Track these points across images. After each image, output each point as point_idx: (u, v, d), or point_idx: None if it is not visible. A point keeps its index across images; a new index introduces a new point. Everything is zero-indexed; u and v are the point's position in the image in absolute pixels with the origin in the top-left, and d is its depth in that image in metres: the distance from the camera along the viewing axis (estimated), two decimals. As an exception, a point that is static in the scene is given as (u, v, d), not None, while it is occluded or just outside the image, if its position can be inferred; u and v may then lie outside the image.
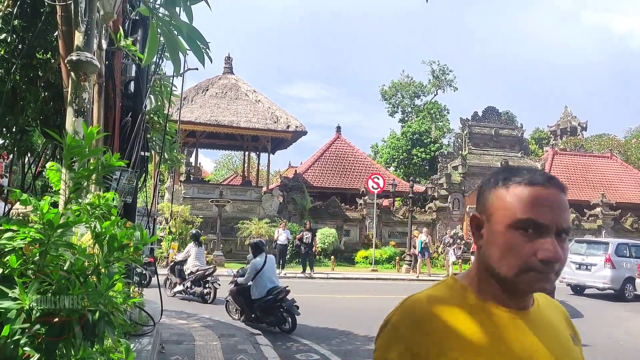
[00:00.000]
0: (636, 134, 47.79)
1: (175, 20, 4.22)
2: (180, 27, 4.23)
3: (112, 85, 6.06)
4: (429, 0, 4.87)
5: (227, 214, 22.13)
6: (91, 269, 2.53)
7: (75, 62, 4.06)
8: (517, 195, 1.15)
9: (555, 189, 1.18)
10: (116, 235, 2.57)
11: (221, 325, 8.94)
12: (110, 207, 3.38)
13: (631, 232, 27.42)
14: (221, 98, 23.55)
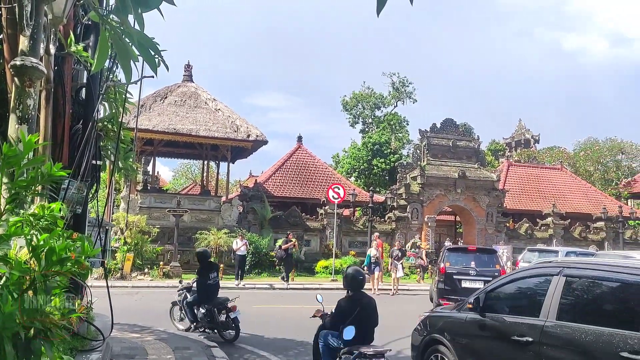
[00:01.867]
0: (584, 147, 49.82)
1: (126, 27, 4.13)
2: (132, 34, 4.14)
3: (61, 92, 5.87)
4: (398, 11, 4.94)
5: (185, 224, 21.74)
6: (28, 283, 2.42)
7: (19, 67, 3.92)
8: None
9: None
10: (55, 248, 2.47)
11: (176, 338, 8.73)
12: (55, 218, 3.25)
13: (579, 241, 28.51)
14: (180, 106, 23.19)
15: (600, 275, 4.74)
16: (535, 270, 5.58)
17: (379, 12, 3.42)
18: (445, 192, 26.79)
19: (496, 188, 27.92)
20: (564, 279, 4.90)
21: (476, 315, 5.60)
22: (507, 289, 5.74)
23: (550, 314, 4.79)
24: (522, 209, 32.72)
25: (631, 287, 4.40)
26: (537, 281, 5.38)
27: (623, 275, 4.53)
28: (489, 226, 27.35)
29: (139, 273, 18.66)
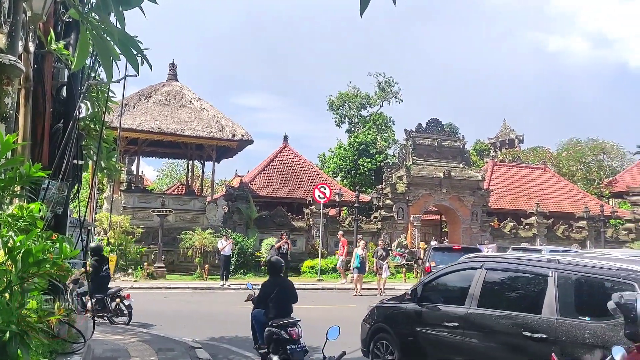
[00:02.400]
0: (567, 147, 50.44)
1: (106, 26, 4.07)
2: (113, 32, 4.08)
3: (41, 90, 5.78)
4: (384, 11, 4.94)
5: (170, 224, 21.58)
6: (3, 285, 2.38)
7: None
8: None
9: None
10: (31, 249, 2.43)
11: (159, 339, 8.66)
12: (34, 218, 3.19)
13: (562, 240, 28.86)
14: (164, 105, 23.00)
15: (512, 267, 5.66)
16: (463, 264, 6.30)
17: (362, 12, 3.42)
18: (431, 192, 26.94)
19: (481, 188, 28.16)
20: (485, 271, 5.69)
21: (415, 305, 6.30)
22: (440, 282, 6.52)
23: (472, 302, 5.58)
24: (507, 208, 33.02)
25: (533, 277, 5.27)
26: (464, 274, 6.11)
27: (527, 267, 5.42)
28: (474, 225, 27.57)
29: (123, 274, 18.47)
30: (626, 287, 4.37)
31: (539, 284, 5.13)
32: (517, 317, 5.05)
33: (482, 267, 5.78)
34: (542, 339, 4.71)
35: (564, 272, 4.97)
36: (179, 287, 17.22)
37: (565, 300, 4.82)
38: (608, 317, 4.33)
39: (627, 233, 31.12)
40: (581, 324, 4.57)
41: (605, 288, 4.65)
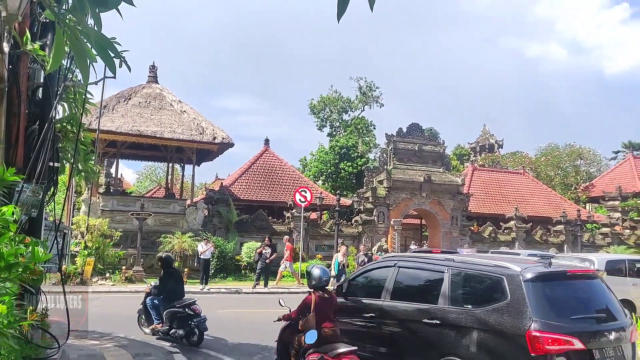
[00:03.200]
0: (545, 152, 51.25)
1: (83, 27, 4.03)
2: (88, 34, 4.04)
3: (16, 91, 5.68)
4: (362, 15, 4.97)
5: (149, 227, 21.34)
6: (-28, 290, 2.34)
7: (-32, 65, 3.78)
8: None
9: None
10: (3, 253, 2.39)
11: (137, 344, 8.56)
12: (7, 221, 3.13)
13: (540, 244, 29.30)
14: (144, 107, 22.75)
15: (418, 265, 6.59)
16: (381, 263, 7.37)
17: (340, 17, 3.45)
18: (411, 196, 27.12)
19: (461, 192, 28.44)
20: (397, 269, 6.65)
21: (341, 299, 7.01)
22: (362, 278, 7.40)
23: (387, 295, 6.50)
24: (486, 212, 33.40)
25: (433, 273, 6.20)
26: (381, 271, 7.02)
27: (429, 265, 6.37)
28: (454, 229, 27.82)
29: (100, 278, 18.18)
30: (498, 281, 5.41)
31: (437, 279, 6.04)
32: (420, 307, 6.01)
33: (395, 266, 6.75)
34: (437, 324, 5.65)
35: (455, 269, 5.92)
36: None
37: (455, 292, 5.77)
38: (485, 305, 5.42)
39: (603, 237, 31.73)
40: (465, 311, 5.52)
41: (484, 282, 5.67)
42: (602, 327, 5.26)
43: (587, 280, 5.82)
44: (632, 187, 37.82)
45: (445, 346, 5.55)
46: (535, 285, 5.18)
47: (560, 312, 5.16)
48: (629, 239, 31.96)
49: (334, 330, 6.15)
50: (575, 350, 4.87)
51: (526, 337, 4.90)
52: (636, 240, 31.86)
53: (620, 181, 38.76)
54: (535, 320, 4.93)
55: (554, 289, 5.40)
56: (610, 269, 13.92)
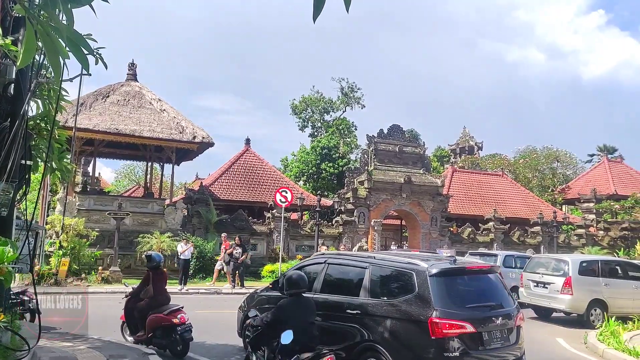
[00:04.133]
0: (524, 155, 51.99)
1: (54, 22, 3.94)
2: (60, 29, 3.96)
3: (-14, 87, 5.55)
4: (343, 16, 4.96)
5: (127, 227, 21.05)
6: None
7: None
8: None
9: None
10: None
11: (111, 346, 8.41)
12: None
13: (518, 245, 29.70)
14: (123, 106, 22.42)
15: (344, 262, 7.48)
16: (313, 260, 8.19)
17: (315, 18, 3.44)
18: (392, 197, 27.25)
19: (440, 193, 28.66)
20: (327, 265, 7.51)
21: (278, 293, 7.71)
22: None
23: (317, 289, 7.31)
24: (465, 213, 33.72)
25: (356, 269, 7.06)
26: (313, 267, 7.83)
27: (354, 262, 7.26)
28: (433, 230, 28.02)
29: (75, 279, 17.85)
30: (408, 276, 6.31)
31: (360, 274, 6.90)
32: (344, 299, 6.84)
33: (325, 262, 7.61)
34: (357, 314, 6.49)
35: (375, 266, 6.80)
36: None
37: (374, 286, 6.63)
38: (397, 296, 6.28)
39: (578, 238, 32.31)
40: (381, 302, 6.40)
41: (398, 277, 6.53)
42: (491, 313, 6.23)
43: (483, 274, 6.84)
44: (606, 189, 38.59)
45: (364, 333, 6.38)
46: (438, 279, 6.06)
47: (458, 301, 6.11)
48: (602, 240, 32.60)
49: (166, 297, 8.47)
50: (467, 333, 5.81)
51: (428, 323, 5.77)
52: (609, 242, 32.52)
53: (595, 184, 39.51)
54: (436, 309, 5.82)
55: (454, 282, 6.37)
56: (584, 270, 14.17)
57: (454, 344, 5.75)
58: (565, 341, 11.57)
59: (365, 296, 6.60)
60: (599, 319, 13.32)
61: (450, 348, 5.73)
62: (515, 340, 6.36)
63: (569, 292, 13.63)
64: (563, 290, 13.71)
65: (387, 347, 6.11)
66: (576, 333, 12.37)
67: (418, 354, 5.93)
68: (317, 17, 3.43)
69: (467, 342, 5.82)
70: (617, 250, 30.69)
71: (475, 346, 5.91)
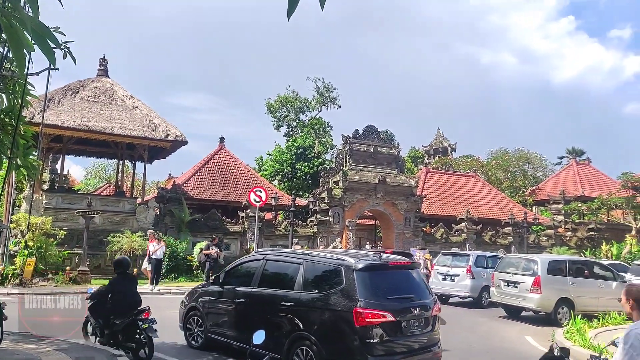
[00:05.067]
0: (496, 157, 52.83)
1: (18, 13, 3.81)
2: (25, 21, 3.82)
3: (-53, 80, 5.34)
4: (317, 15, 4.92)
5: (96, 226, 20.59)
6: None
7: None
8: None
9: None
10: None
11: (78, 347, 8.20)
12: None
13: (490, 245, 30.17)
14: (93, 102, 21.93)
15: (281, 259, 8.02)
16: (252, 256, 8.79)
17: (290, 15, 3.39)
18: (366, 197, 27.36)
19: (414, 194, 28.92)
20: (265, 261, 8.05)
21: (219, 288, 8.50)
22: (237, 269, 8.77)
23: (255, 283, 7.90)
24: (439, 214, 34.09)
25: (291, 265, 7.60)
26: (252, 263, 8.41)
27: (290, 258, 7.83)
28: (407, 230, 28.25)
29: (42, 279, 17.37)
30: (337, 270, 6.88)
31: (295, 270, 7.42)
32: (280, 293, 7.42)
33: (264, 259, 8.15)
34: (291, 306, 7.06)
35: (308, 262, 7.34)
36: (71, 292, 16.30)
37: (307, 280, 7.17)
38: (327, 289, 6.84)
39: (547, 239, 33.03)
40: (312, 295, 6.97)
41: (328, 271, 7.08)
42: (410, 304, 6.87)
43: (405, 269, 7.52)
44: (575, 191, 39.53)
45: (297, 323, 6.90)
46: (363, 274, 6.65)
47: (380, 293, 6.70)
48: (570, 241, 33.40)
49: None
50: (387, 322, 6.41)
51: (353, 313, 6.34)
52: (577, 242, 33.35)
53: (563, 185, 40.42)
54: (360, 300, 6.40)
55: (377, 277, 6.95)
56: (552, 269, 14.47)
57: (376, 331, 6.36)
58: (534, 339, 11.80)
59: (299, 289, 7.17)
60: (566, 317, 13.62)
61: (373, 335, 6.34)
62: (432, 328, 7.09)
63: (537, 291, 13.90)
64: (532, 290, 13.98)
65: (317, 336, 6.65)
66: (544, 331, 12.63)
67: (344, 341, 6.49)
68: (291, 14, 3.39)
69: (387, 329, 6.42)
70: (584, 250, 31.50)
71: (395, 333, 6.55)
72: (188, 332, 8.95)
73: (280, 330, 7.11)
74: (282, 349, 6.89)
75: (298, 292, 7.14)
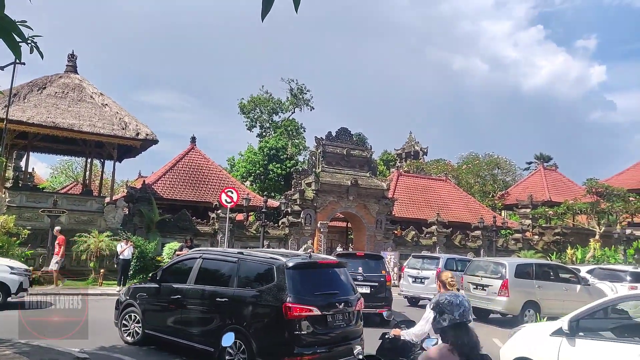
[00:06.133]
0: (466, 161, 53.71)
1: (-19, 5, 3.68)
2: (-12, 13, 3.70)
3: None
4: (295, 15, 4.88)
5: (63, 225, 19.98)
6: None
7: None
8: None
9: None
10: None
11: (40, 350, 7.96)
12: None
13: (459, 248, 30.62)
14: (61, 98, 21.36)
15: (217, 257, 8.51)
16: (189, 255, 9.24)
17: (264, 16, 3.36)
18: (338, 199, 27.42)
19: (386, 196, 29.11)
20: (202, 260, 8.46)
21: (155, 285, 8.89)
22: (174, 267, 9.18)
23: (192, 281, 8.27)
24: (410, 217, 34.40)
25: (227, 263, 8.09)
26: (189, 262, 8.78)
27: (225, 257, 8.31)
28: (378, 233, 28.41)
29: (4, 279, 16.79)
30: (270, 269, 7.36)
31: (230, 268, 7.91)
32: (215, 289, 7.82)
33: (200, 257, 8.57)
34: (226, 301, 7.51)
35: (243, 260, 7.85)
36: (69, 294, 15.96)
37: (241, 277, 7.68)
38: (260, 286, 7.36)
39: (515, 242, 33.69)
40: (246, 291, 7.48)
41: (262, 269, 7.56)
42: (335, 299, 7.45)
43: (332, 268, 8.11)
44: (542, 196, 40.50)
45: (231, 317, 7.35)
46: (294, 271, 7.14)
47: (308, 289, 7.22)
48: (537, 244, 34.16)
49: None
50: (314, 316, 6.95)
51: (283, 307, 6.83)
52: (543, 246, 34.12)
53: (531, 190, 41.36)
54: (290, 296, 6.90)
55: (306, 274, 7.49)
56: (520, 273, 14.74)
57: (304, 324, 6.88)
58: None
59: (234, 286, 7.67)
60: (532, 319, 13.87)
61: (301, 327, 6.86)
62: (355, 322, 7.72)
63: (505, 294, 14.14)
64: (500, 292, 14.21)
65: (250, 329, 7.13)
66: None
67: (275, 333, 7.00)
68: (266, 16, 3.36)
69: (314, 323, 6.95)
70: (550, 254, 32.26)
71: (321, 326, 7.12)
72: (124, 328, 9.20)
73: (214, 324, 7.63)
74: (216, 343, 7.16)
75: (233, 289, 7.61)
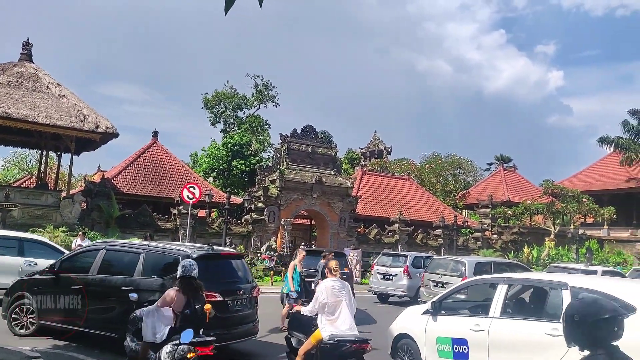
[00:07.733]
0: (429, 161, 54.56)
1: None
2: None
3: None
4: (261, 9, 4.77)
5: (15, 220, 19.28)
6: None
7: None
8: None
9: None
10: None
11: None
12: None
13: (421, 246, 31.05)
14: (15, 88, 20.51)
15: (121, 249, 8.87)
16: (92, 247, 9.54)
17: (227, 11, 3.28)
18: (302, 197, 27.38)
19: (350, 194, 29.25)
20: (105, 251, 8.66)
21: (51, 276, 8.95)
22: (76, 258, 9.36)
23: (94, 271, 8.45)
24: (373, 215, 34.69)
25: (131, 254, 8.42)
26: (92, 253, 8.93)
27: (127, 249, 8.78)
28: (342, 230, 28.53)
29: (-49, 276, 16.04)
30: (175, 259, 7.63)
31: (135, 259, 8.26)
32: (123, 278, 8.17)
33: (103, 248, 8.77)
34: (131, 289, 7.58)
35: (149, 252, 8.30)
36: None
37: (147, 267, 8.09)
38: (166, 275, 7.71)
39: (475, 241, 34.44)
40: (152, 279, 7.92)
41: (167, 260, 8.02)
42: (235, 287, 8.33)
43: (233, 259, 9.05)
44: (501, 196, 41.54)
45: (134, 303, 7.37)
46: (198, 262, 7.29)
47: (212, 278, 7.73)
48: (496, 243, 35.02)
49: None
50: (217, 301, 7.52)
51: None
52: (502, 245, 35.01)
53: (491, 190, 42.36)
54: None
55: (210, 264, 8.15)
56: (479, 270, 15.04)
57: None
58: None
59: (139, 275, 8.03)
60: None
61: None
62: (252, 307, 8.61)
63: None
64: (459, 291, 14.45)
65: None
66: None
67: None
68: (229, 10, 3.27)
69: (217, 307, 7.27)
70: (508, 252, 33.12)
71: (223, 310, 7.76)
72: (14, 321, 9.15)
73: (118, 311, 7.88)
74: (119, 329, 7.36)
75: (139, 278, 8.00)
